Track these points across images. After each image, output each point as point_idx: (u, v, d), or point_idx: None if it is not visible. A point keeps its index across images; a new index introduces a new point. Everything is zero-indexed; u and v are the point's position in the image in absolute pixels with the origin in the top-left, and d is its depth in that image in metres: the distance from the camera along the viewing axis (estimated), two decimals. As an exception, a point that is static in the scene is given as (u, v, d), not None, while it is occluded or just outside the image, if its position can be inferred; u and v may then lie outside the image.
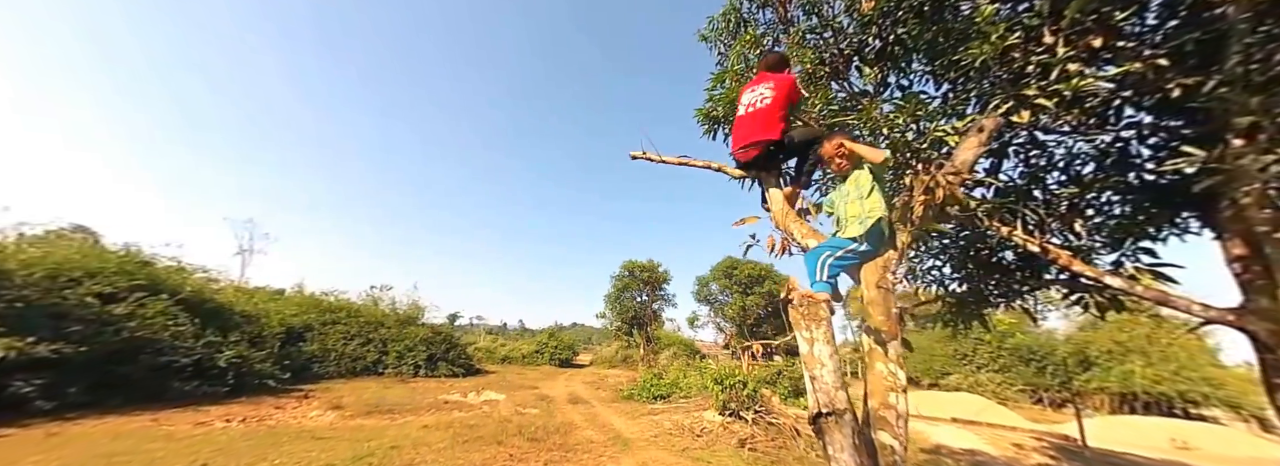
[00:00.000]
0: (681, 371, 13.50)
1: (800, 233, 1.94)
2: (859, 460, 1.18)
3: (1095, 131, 3.58)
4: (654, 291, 21.80)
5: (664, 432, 7.95)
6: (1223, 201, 2.99)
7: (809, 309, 1.48)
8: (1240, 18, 2.54)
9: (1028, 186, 3.94)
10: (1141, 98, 3.22)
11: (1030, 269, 4.06)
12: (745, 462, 6.34)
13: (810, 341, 1.40)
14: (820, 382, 1.33)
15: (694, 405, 9.84)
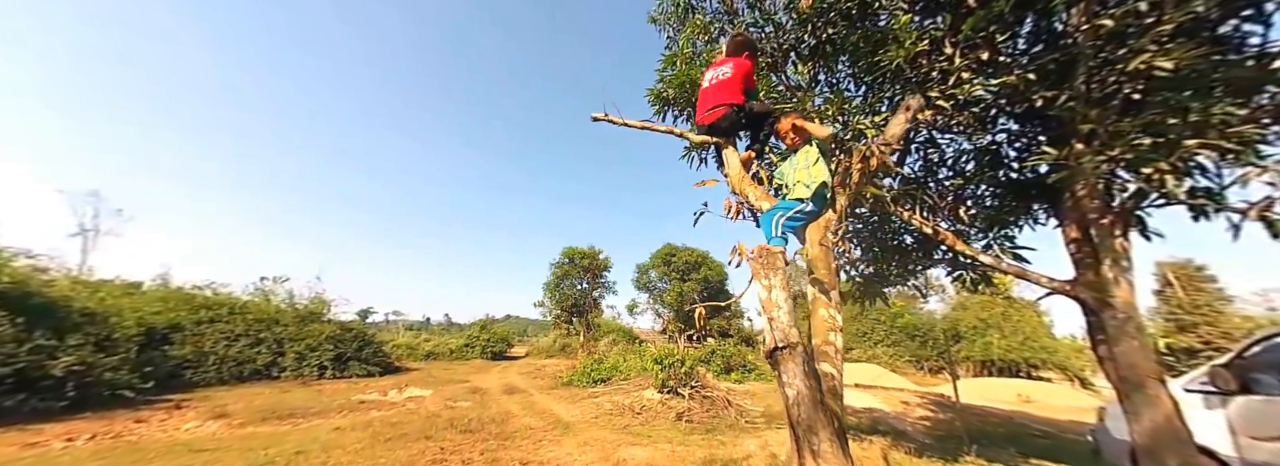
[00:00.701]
0: (621, 355, 13.76)
1: (755, 196, 2.11)
2: (808, 383, 1.36)
3: (978, 134, 4.23)
4: (595, 279, 21.64)
5: (604, 413, 8.10)
6: (1065, 195, 3.72)
7: (768, 260, 1.64)
8: (1086, 45, 3.16)
9: (925, 178, 4.57)
10: (1013, 106, 3.85)
11: (923, 250, 4.72)
12: (682, 433, 6.70)
13: (769, 288, 1.57)
14: (777, 322, 1.50)
15: (634, 386, 10.12)
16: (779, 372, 1.43)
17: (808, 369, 1.39)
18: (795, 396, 1.36)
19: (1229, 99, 2.83)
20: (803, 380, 1.37)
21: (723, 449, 5.39)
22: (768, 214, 1.92)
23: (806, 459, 1.29)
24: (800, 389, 1.37)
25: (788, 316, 1.49)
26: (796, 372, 1.38)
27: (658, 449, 5.43)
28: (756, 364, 15.15)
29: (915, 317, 21.90)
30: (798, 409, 1.35)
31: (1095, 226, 3.45)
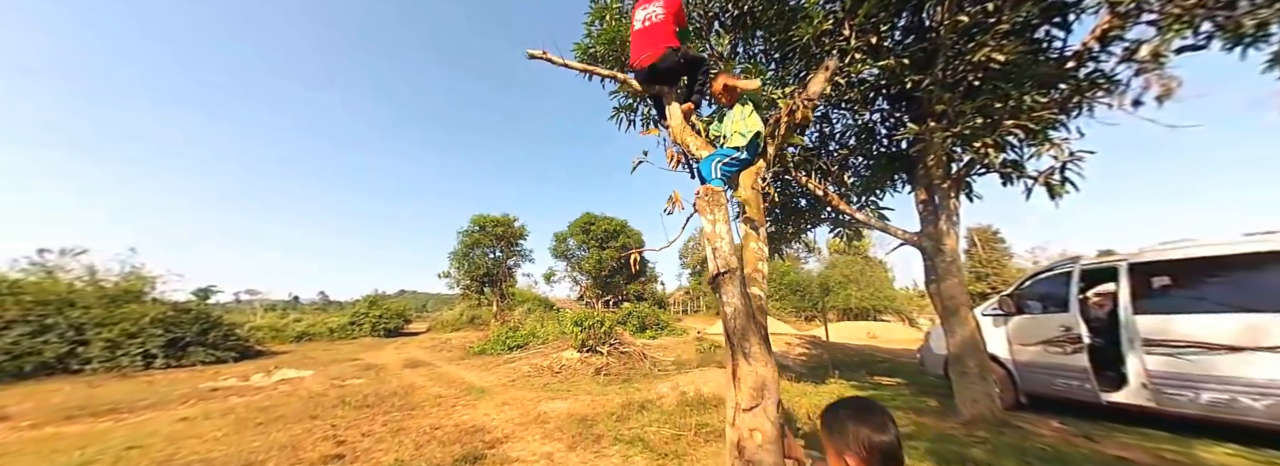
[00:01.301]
0: (539, 322, 13.74)
1: (695, 145, 2.23)
2: (743, 301, 1.60)
3: (861, 111, 4.90)
4: (510, 247, 20.74)
5: (522, 376, 8.14)
6: (919, 165, 4.58)
7: (711, 197, 1.81)
8: (946, 38, 3.81)
9: (819, 148, 5.20)
10: (888, 88, 4.50)
11: (815, 210, 5.47)
12: (600, 385, 7.10)
13: (713, 222, 1.75)
14: (720, 251, 1.69)
15: (552, 349, 10.28)
16: (720, 294, 1.64)
17: (743, 290, 1.62)
18: (732, 312, 1.58)
19: (1036, 90, 3.68)
20: (739, 299, 1.59)
21: (638, 394, 5.85)
22: (707, 160, 2.08)
23: (740, 360, 1.53)
24: (737, 305, 1.59)
25: (729, 246, 1.69)
26: (734, 293, 1.60)
27: (578, 400, 5.69)
28: (668, 322, 16.34)
29: (798, 276, 25.72)
30: (734, 321, 1.57)
31: (938, 190, 4.33)
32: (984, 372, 4.03)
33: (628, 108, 4.47)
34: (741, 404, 1.46)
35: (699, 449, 3.50)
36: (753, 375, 1.48)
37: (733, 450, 1.45)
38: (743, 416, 1.43)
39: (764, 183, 2.09)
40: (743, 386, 1.49)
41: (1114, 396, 3.96)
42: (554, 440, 3.95)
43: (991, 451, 3.06)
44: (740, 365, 1.52)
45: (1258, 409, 3.26)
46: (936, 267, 4.19)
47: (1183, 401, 3.60)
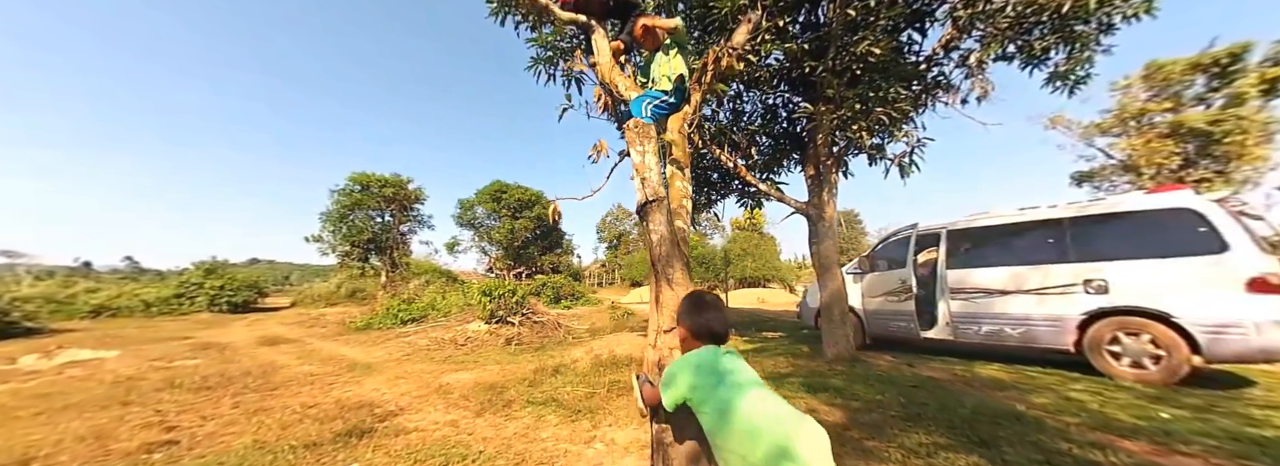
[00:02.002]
0: (439, 293, 12.69)
1: (624, 85, 2.18)
2: (669, 229, 1.67)
3: (768, 91, 5.28)
4: (403, 212, 18.20)
5: (420, 350, 7.54)
6: (810, 144, 5.15)
7: (641, 130, 1.81)
8: (837, 29, 4.24)
9: (731, 125, 5.51)
10: (790, 71, 4.93)
11: (724, 181, 5.85)
12: (511, 354, 6.93)
13: (642, 153, 1.75)
14: (649, 181, 1.71)
15: (456, 321, 9.66)
16: (647, 223, 1.68)
17: (669, 219, 1.69)
18: (658, 239, 1.64)
19: (899, 83, 4.33)
20: (665, 227, 1.65)
21: (552, 360, 5.84)
22: (636, 100, 2.06)
23: (663, 286, 1.61)
24: (663, 233, 1.65)
25: (657, 177, 1.72)
26: (661, 221, 1.66)
27: (486, 370, 5.48)
28: (584, 293, 16.41)
29: (704, 249, 27.91)
30: (660, 249, 1.63)
31: (823, 166, 4.94)
32: (845, 319, 4.86)
33: (547, 60, 4.17)
34: (662, 326, 1.56)
35: (612, 403, 3.66)
36: (674, 299, 1.58)
37: (653, 368, 1.55)
38: (663, 337, 1.53)
39: (689, 128, 2.15)
40: (665, 310, 1.58)
41: (928, 333, 5.12)
42: (459, 408, 3.77)
43: (846, 380, 3.76)
44: (663, 290, 1.60)
45: (1015, 336, 4.50)
46: (818, 231, 4.85)
47: (970, 334, 4.80)
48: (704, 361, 1.25)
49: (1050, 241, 4.45)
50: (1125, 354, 3.82)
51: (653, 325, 1.64)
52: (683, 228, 1.79)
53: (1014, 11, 4.08)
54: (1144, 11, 4.05)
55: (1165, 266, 3.73)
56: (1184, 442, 2.29)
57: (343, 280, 18.30)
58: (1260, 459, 2.05)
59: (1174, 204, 3.85)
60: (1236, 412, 2.77)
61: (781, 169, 5.83)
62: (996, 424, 2.60)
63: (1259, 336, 3.25)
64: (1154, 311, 3.68)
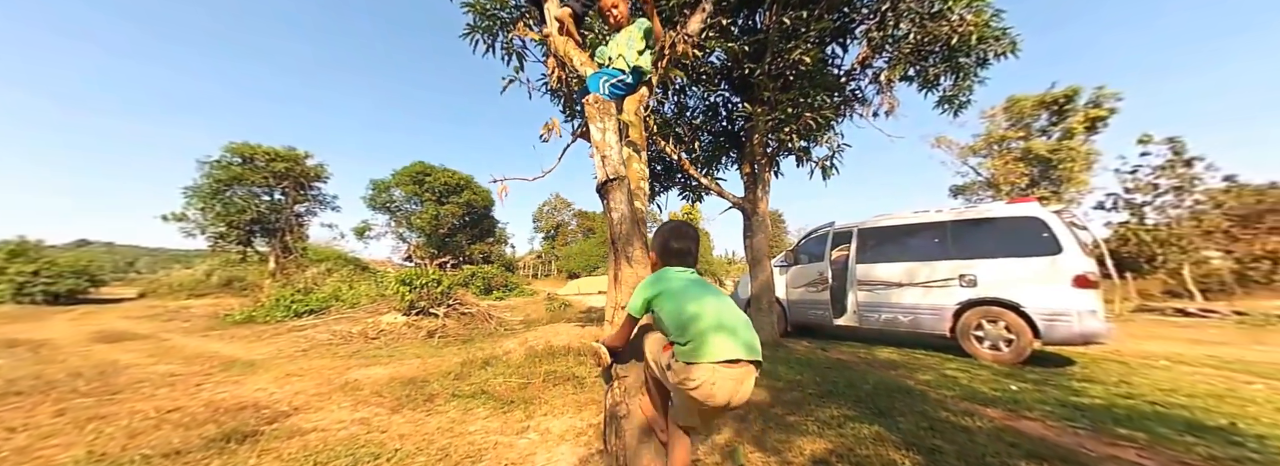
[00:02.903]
0: (345, 282, 11.32)
1: (579, 60, 2.07)
2: (629, 208, 1.64)
3: (711, 90, 5.45)
4: (299, 190, 15.65)
5: (320, 345, 6.68)
6: (747, 143, 5.43)
7: (602, 106, 1.73)
8: (774, 35, 4.50)
9: (676, 120, 5.61)
10: (731, 72, 5.13)
11: (668, 174, 5.95)
12: (434, 348, 6.42)
13: (603, 130, 1.68)
14: (609, 159, 1.65)
15: (366, 313, 8.70)
16: (607, 201, 1.63)
17: (629, 198, 1.65)
18: (619, 218, 1.61)
19: (824, 92, 4.72)
20: (626, 206, 1.62)
21: (481, 352, 5.52)
22: (595, 76, 1.98)
23: (622, 264, 1.59)
24: (623, 212, 1.62)
25: (618, 155, 1.67)
26: (621, 200, 1.62)
27: (403, 365, 5.04)
28: (517, 284, 15.71)
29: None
30: (620, 227, 1.60)
31: (758, 165, 5.25)
32: (771, 308, 5.25)
33: (485, 28, 3.82)
34: (620, 303, 1.55)
35: (548, 392, 3.56)
36: (634, 276, 1.56)
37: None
38: (620, 313, 1.51)
39: (645, 111, 2.13)
40: (623, 287, 1.57)
41: (839, 321, 5.72)
42: (370, 406, 3.41)
43: (771, 363, 4.08)
44: (623, 268, 1.59)
45: (906, 323, 5.19)
46: (752, 225, 5.15)
47: (872, 321, 5.45)
48: (661, 276, 1.45)
49: (935, 241, 5.19)
50: (986, 338, 4.60)
51: (610, 302, 1.62)
52: (641, 208, 1.78)
53: (914, 39, 4.65)
54: (1010, 51, 4.84)
55: (1017, 264, 4.54)
56: (1028, 409, 2.82)
57: (215, 267, 15.42)
58: (1080, 420, 2.59)
59: (1025, 212, 4.69)
60: (1063, 385, 3.46)
61: (720, 165, 6.07)
62: (892, 397, 2.98)
63: (1080, 323, 4.10)
64: (1009, 302, 4.47)
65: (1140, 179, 13.61)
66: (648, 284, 1.43)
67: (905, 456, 2.07)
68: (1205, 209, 12.80)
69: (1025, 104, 15.75)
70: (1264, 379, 3.91)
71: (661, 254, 1.53)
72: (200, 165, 14.25)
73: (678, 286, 1.38)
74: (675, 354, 1.28)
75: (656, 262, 1.55)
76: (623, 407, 1.44)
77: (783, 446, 2.26)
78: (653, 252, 1.57)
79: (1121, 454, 2.15)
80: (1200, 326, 7.76)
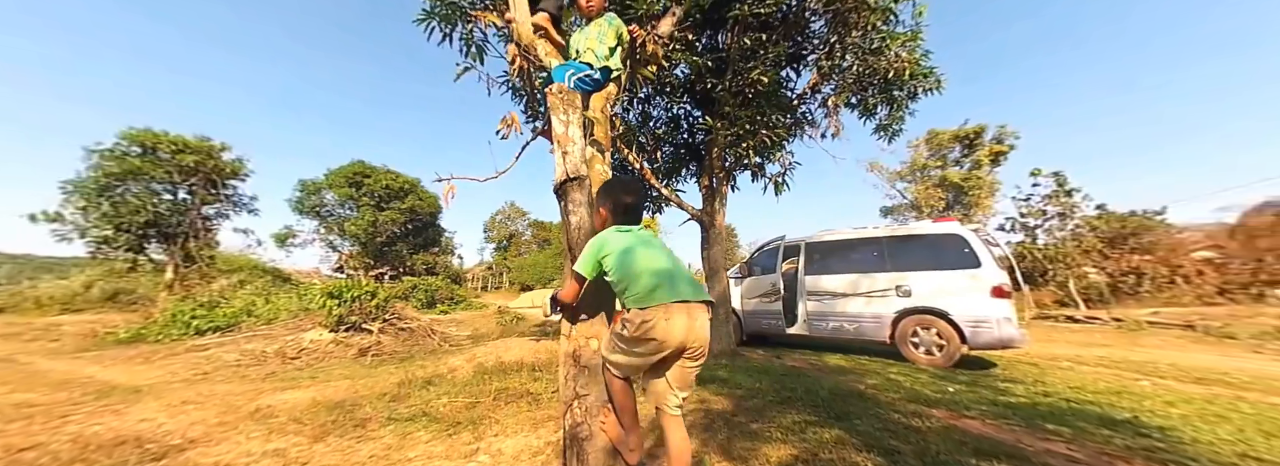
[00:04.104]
0: (261, 295, 10.01)
1: (544, 51, 1.94)
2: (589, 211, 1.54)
3: (674, 102, 5.56)
4: (210, 189, 13.56)
5: (226, 367, 5.80)
6: (706, 157, 5.55)
7: (566, 97, 1.61)
8: (735, 54, 4.70)
9: (640, 128, 5.64)
10: (695, 86, 5.27)
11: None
12: (366, 367, 5.80)
13: (566, 124, 1.56)
14: (570, 157, 1.53)
15: (286, 329, 7.72)
16: (565, 203, 1.51)
17: (590, 200, 1.54)
18: (577, 222, 1.48)
19: (778, 112, 4.97)
20: (586, 208, 1.51)
21: (422, 371, 5.05)
22: (561, 68, 1.87)
23: None
24: (583, 215, 1.50)
25: (580, 152, 1.56)
26: (581, 201, 1.51)
27: (329, 387, 4.48)
28: (464, 297, 14.74)
29: (597, 256, 28.19)
30: (578, 233, 1.48)
31: (716, 178, 5.37)
32: (728, 318, 5.29)
33: (443, 16, 3.55)
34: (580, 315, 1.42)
35: (499, 411, 3.28)
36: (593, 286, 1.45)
37: (568, 360, 1.38)
38: (579, 326, 1.39)
39: (612, 109, 2.06)
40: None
41: (791, 329, 5.89)
42: (286, 434, 2.95)
43: (730, 372, 4.06)
44: None
45: (851, 330, 5.44)
46: (710, 237, 5.21)
47: (820, 329, 5.65)
48: (612, 236, 1.45)
49: (874, 255, 5.54)
50: (921, 344, 4.92)
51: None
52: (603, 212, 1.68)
53: (857, 71, 5.06)
54: (936, 87, 5.39)
55: (944, 276, 4.93)
56: (967, 409, 2.99)
57: (96, 277, 12.99)
58: (1013, 418, 2.79)
59: (948, 230, 5.14)
60: (991, 386, 3.73)
61: (680, 177, 6.16)
62: (847, 401, 3.05)
63: (999, 330, 4.50)
64: (939, 310, 4.82)
65: (1032, 206, 15.60)
66: (600, 244, 1.42)
67: (867, 458, 2.08)
68: (1083, 232, 14.88)
69: (943, 137, 17.70)
70: (1148, 376, 4.47)
71: (613, 211, 1.53)
72: (87, 154, 12.02)
73: (629, 243, 1.41)
74: (626, 305, 1.33)
75: (607, 219, 1.53)
76: (585, 428, 1.31)
77: (749, 454, 2.21)
78: (603, 209, 1.55)
79: (1054, 448, 2.31)
80: (1088, 331, 8.85)
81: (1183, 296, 13.17)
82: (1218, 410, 3.08)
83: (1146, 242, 14.42)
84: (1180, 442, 2.41)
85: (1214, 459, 2.19)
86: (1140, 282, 13.75)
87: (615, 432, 1.38)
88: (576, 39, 2.00)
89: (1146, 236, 14.56)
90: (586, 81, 1.88)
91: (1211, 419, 2.86)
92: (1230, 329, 7.86)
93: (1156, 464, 2.14)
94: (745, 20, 4.32)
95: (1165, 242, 14.50)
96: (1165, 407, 3.11)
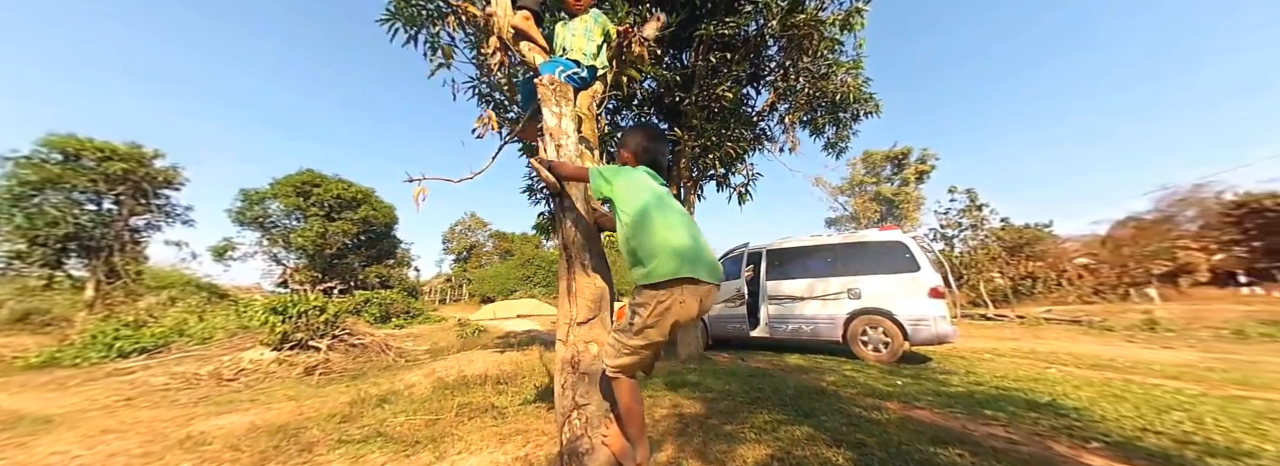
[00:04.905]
0: (195, 312, 8.78)
1: (527, 48, 1.80)
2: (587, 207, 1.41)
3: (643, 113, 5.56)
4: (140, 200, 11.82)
5: (154, 391, 4.98)
6: (673, 167, 5.57)
7: (558, 88, 1.49)
8: (702, 70, 4.80)
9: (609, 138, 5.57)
10: (665, 98, 5.30)
11: (597, 193, 5.85)
12: (313, 386, 5.17)
13: (558, 116, 1.44)
14: (564, 149, 1.41)
15: (223, 349, 6.78)
16: (560, 200, 1.38)
17: (585, 196, 1.42)
18: (573, 220, 1.35)
19: (742, 126, 5.09)
20: (582, 205, 1.38)
21: (376, 388, 4.58)
22: (548, 64, 1.75)
23: (577, 273, 1.32)
24: (579, 212, 1.37)
25: (574, 145, 1.45)
26: (578, 197, 1.38)
27: (271, 410, 3.96)
28: (422, 310, 13.77)
29: (560, 265, 27.24)
30: (573, 231, 1.35)
31: (684, 188, 5.38)
32: (695, 324, 5.23)
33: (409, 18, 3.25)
34: (577, 318, 1.27)
35: (462, 427, 2.98)
36: (591, 286, 1.31)
37: (565, 367, 1.22)
38: (578, 330, 1.24)
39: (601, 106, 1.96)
40: (579, 300, 1.29)
41: (754, 332, 5.94)
42: (221, 464, 2.53)
43: (699, 375, 3.99)
44: (578, 277, 1.32)
45: (808, 331, 5.56)
46: (678, 245, 5.18)
47: (780, 331, 5.74)
48: (637, 176, 1.33)
49: (828, 260, 5.75)
50: (870, 342, 5.10)
51: (564, 317, 1.32)
52: (597, 209, 1.57)
53: (807, 93, 5.32)
54: (875, 111, 5.77)
55: (889, 279, 5.19)
56: (916, 400, 3.10)
57: (7, 295, 10.96)
58: (955, 406, 2.91)
59: (892, 237, 5.45)
60: (932, 378, 3.92)
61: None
62: (812, 399, 3.05)
63: (936, 327, 4.76)
64: (885, 311, 5.04)
65: (950, 218, 17.06)
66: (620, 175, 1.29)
67: (838, 453, 2.06)
68: (990, 242, 16.40)
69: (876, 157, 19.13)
70: (1054, 364, 4.87)
71: (636, 153, 1.41)
72: (1, 162, 10.25)
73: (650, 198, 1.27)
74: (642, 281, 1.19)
75: (629, 160, 1.42)
76: (585, 442, 1.15)
77: (726, 456, 2.12)
78: (624, 151, 1.43)
79: (994, 431, 2.41)
80: (999, 327, 9.64)
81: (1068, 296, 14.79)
82: (1114, 391, 3.38)
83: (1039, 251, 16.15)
84: (1093, 421, 2.59)
85: (1122, 433, 2.36)
86: (1035, 285, 15.29)
87: (619, 445, 1.20)
88: (561, 34, 1.87)
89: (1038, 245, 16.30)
90: (573, 79, 1.79)
91: (1112, 399, 3.12)
92: (1108, 322, 8.85)
93: (1080, 440, 2.27)
94: (710, 40, 4.43)
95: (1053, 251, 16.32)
96: (1074, 391, 3.37)
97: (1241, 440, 2.22)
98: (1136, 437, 2.30)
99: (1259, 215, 13.38)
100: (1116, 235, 16.19)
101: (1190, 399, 3.10)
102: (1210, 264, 13.45)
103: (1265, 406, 2.88)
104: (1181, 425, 2.48)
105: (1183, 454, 2.03)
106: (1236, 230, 13.55)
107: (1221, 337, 7.08)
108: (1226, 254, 13.46)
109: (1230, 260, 13.36)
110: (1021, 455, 2.04)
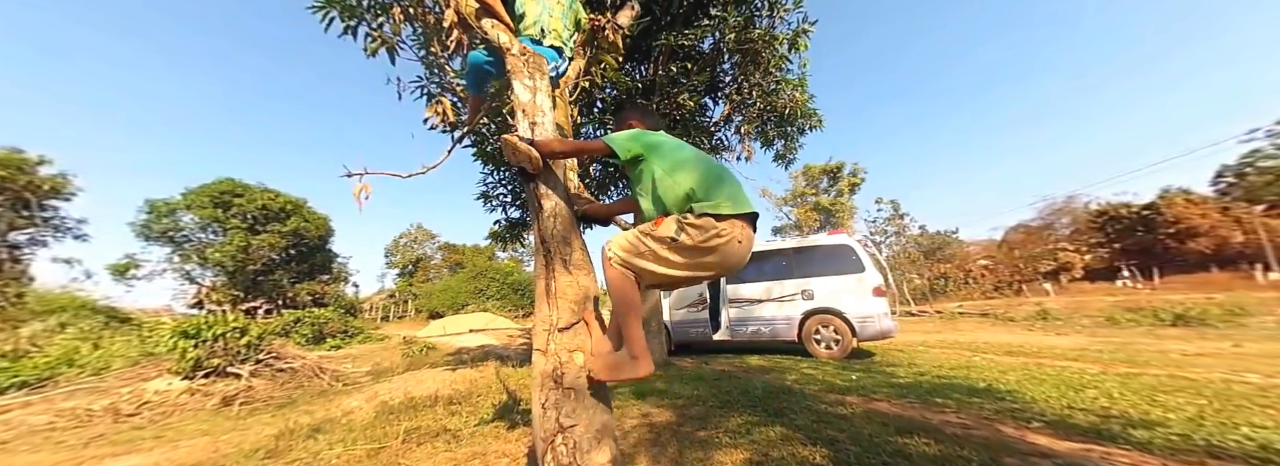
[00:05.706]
0: (88, 339, 7.21)
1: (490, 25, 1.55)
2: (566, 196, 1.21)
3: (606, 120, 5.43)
4: (22, 212, 9.60)
5: (33, 432, 3.96)
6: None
7: (532, 61, 1.29)
8: (663, 79, 4.80)
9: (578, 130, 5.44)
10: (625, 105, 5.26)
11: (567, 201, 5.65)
12: (232, 418, 4.36)
13: (532, 90, 1.23)
14: (540, 128, 1.20)
15: (119, 380, 5.58)
16: (535, 187, 1.17)
17: (564, 183, 1.22)
18: (551, 209, 1.15)
19: (701, 135, 5.12)
20: (561, 193, 1.19)
21: (308, 417, 3.95)
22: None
23: (558, 271, 1.10)
24: (557, 201, 1.17)
25: (552, 124, 1.25)
26: (556, 184, 1.18)
27: (180, 448, 3.28)
28: (361, 328, 12.40)
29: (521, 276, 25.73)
30: (552, 221, 1.14)
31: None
32: (659, 331, 5.09)
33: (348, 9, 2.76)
34: (559, 322, 1.05)
35: (410, 455, 2.58)
36: (574, 286, 1.11)
37: (546, 382, 1.00)
38: (560, 338, 1.03)
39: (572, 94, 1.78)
40: (561, 302, 1.08)
41: (716, 336, 5.89)
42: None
43: (666, 382, 3.83)
44: (559, 276, 1.11)
45: (766, 333, 5.60)
46: (643, 251, 5.06)
47: (741, 333, 5.74)
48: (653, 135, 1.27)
49: (784, 264, 5.88)
50: (823, 340, 5.23)
51: (543, 323, 1.10)
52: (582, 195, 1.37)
53: (759, 106, 5.50)
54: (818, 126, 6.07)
55: (838, 280, 5.38)
56: (873, 393, 3.15)
57: None
58: (909, 397, 2.98)
59: (840, 241, 5.69)
60: (881, 371, 4.05)
61: (608, 194, 5.98)
62: (780, 398, 3.00)
63: (879, 323, 4.97)
64: (835, 310, 5.20)
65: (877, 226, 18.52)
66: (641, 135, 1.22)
67: (814, 451, 1.98)
68: (910, 247, 17.96)
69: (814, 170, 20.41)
70: (978, 353, 5.24)
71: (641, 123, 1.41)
72: None
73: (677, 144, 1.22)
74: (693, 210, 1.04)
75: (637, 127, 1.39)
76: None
77: (704, 464, 1.96)
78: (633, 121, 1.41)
79: (948, 418, 2.46)
80: (922, 322, 10.41)
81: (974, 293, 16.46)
82: (1034, 374, 3.65)
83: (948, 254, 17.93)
84: (1026, 402, 2.74)
85: (1054, 413, 2.50)
86: (947, 284, 16.86)
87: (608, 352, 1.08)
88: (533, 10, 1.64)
89: (948, 249, 18.09)
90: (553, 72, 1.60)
91: (1034, 381, 3.35)
92: (1010, 314, 9.86)
93: (1022, 421, 2.36)
94: (671, 50, 4.43)
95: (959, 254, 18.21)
96: (1002, 376, 3.60)
97: (1148, 412, 2.43)
98: (1067, 415, 2.45)
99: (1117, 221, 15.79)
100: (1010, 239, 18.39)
101: (1094, 377, 3.41)
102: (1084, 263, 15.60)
103: (1155, 381, 3.22)
104: (1098, 401, 2.68)
105: (1110, 427, 2.17)
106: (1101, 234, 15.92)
107: (1099, 324, 8.11)
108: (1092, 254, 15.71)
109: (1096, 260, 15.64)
110: (978, 439, 2.08)
